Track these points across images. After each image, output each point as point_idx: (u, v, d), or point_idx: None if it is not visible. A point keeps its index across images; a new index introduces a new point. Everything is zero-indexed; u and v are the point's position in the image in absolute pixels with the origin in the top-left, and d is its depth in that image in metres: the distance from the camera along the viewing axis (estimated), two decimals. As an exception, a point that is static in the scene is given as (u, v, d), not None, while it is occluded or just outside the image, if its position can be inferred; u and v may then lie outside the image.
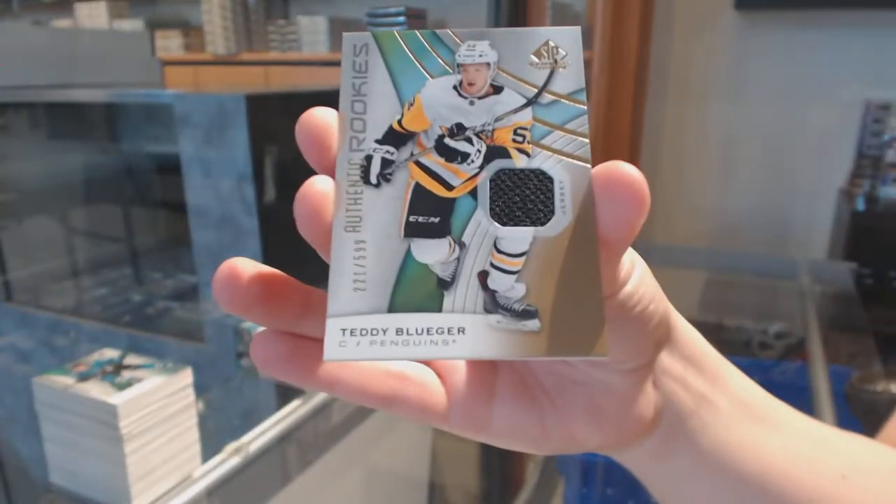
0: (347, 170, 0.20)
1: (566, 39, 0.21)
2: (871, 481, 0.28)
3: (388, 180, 0.20)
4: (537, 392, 0.24)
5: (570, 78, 0.21)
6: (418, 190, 0.20)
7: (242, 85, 2.65)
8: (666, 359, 0.25)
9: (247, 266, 0.20)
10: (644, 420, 0.25)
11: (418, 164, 0.20)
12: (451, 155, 0.20)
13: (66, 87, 2.00)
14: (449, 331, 0.18)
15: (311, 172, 0.20)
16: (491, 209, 0.19)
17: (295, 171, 1.50)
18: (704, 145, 2.43)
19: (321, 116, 0.20)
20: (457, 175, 0.20)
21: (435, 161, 0.20)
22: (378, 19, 3.05)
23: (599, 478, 1.14)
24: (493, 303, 0.18)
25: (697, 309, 1.59)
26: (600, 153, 1.96)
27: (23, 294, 2.00)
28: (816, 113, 2.24)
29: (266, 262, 0.20)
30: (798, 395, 0.44)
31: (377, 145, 0.20)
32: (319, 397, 1.01)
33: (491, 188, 0.20)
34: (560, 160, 0.20)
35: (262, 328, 0.21)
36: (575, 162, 0.20)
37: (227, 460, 0.86)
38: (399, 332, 0.18)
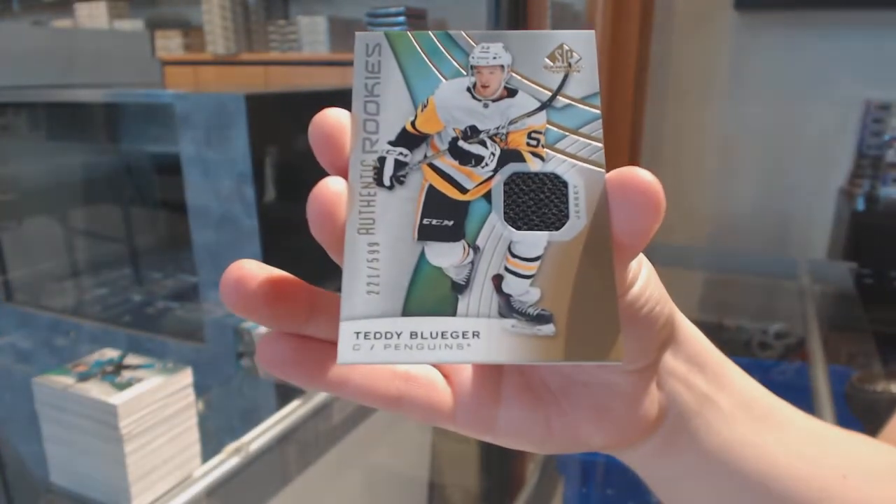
0: (360, 171, 0.19)
1: (580, 43, 0.21)
2: (872, 481, 0.28)
3: (401, 182, 0.19)
4: (542, 392, 0.25)
5: (584, 82, 0.21)
6: (432, 192, 0.19)
7: (242, 85, 2.65)
8: (670, 359, 0.25)
9: (254, 268, 0.19)
10: (648, 420, 0.25)
11: (432, 166, 0.20)
12: (464, 158, 0.20)
13: (65, 87, 2.00)
14: (464, 335, 0.18)
15: (323, 173, 0.20)
16: (505, 213, 0.19)
17: (295, 170, 1.50)
18: (704, 145, 2.43)
19: (334, 117, 0.19)
20: (470, 178, 0.20)
21: (448, 164, 0.20)
22: (378, 19, 3.05)
23: (599, 478, 1.14)
24: (508, 307, 0.18)
25: (697, 309, 1.59)
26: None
27: (23, 294, 2.00)
28: (816, 113, 2.24)
29: (266, 262, 0.20)
30: (798, 395, 0.44)
31: (390, 147, 0.20)
32: (319, 397, 1.01)
33: (505, 192, 0.20)
34: (574, 164, 0.20)
35: (265, 329, 0.21)
36: (589, 166, 0.20)
37: (227, 460, 0.86)
38: (413, 335, 0.18)
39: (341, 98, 0.20)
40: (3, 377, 1.91)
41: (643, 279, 0.22)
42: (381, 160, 0.20)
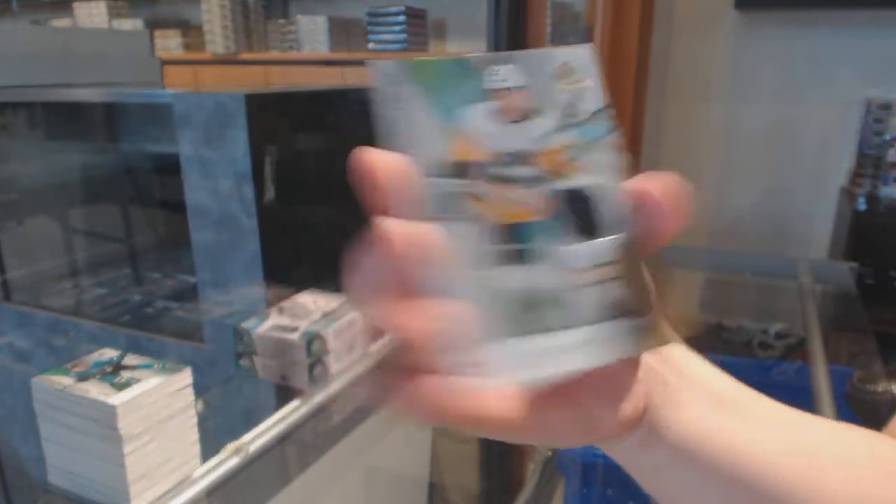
0: (422, 207, 0.20)
1: (583, 58, 0.22)
2: (843, 465, 0.28)
3: (455, 212, 0.20)
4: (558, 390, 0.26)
5: (594, 96, 0.22)
6: (485, 219, 0.20)
7: (242, 85, 2.65)
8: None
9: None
10: (637, 409, 0.26)
11: (477, 193, 0.20)
12: (503, 181, 0.21)
13: (65, 87, 2.00)
14: (574, 344, 0.20)
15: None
16: (560, 228, 0.21)
17: (295, 170, 1.50)
18: (704, 145, 2.43)
19: (375, 156, 0.20)
20: (514, 200, 0.21)
21: (492, 189, 0.21)
22: (378, 19, 3.05)
23: (599, 478, 1.14)
24: (600, 312, 0.20)
25: (697, 309, 1.59)
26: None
27: (22, 294, 2.00)
28: (817, 112, 2.24)
29: (266, 261, 0.20)
30: (799, 396, 0.44)
31: (435, 179, 0.20)
32: (319, 398, 1.01)
33: (553, 209, 0.21)
34: (599, 175, 0.21)
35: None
36: (611, 176, 0.21)
37: (227, 460, 0.85)
38: (531, 353, 0.20)
39: (341, 98, 0.21)
40: (1, 377, 1.91)
41: None
42: (430, 194, 0.20)
